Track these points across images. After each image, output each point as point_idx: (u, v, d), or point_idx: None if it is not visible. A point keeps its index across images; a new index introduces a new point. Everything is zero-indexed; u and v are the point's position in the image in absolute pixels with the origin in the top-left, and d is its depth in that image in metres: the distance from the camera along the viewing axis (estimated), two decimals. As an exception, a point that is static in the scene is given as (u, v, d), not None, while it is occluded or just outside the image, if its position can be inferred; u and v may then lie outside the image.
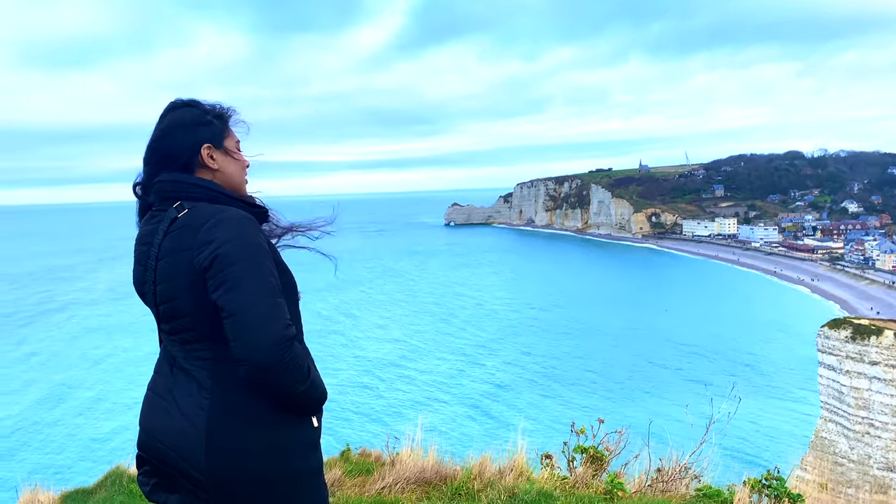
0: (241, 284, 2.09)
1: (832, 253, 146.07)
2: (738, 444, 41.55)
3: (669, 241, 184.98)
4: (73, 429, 53.03)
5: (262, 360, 2.04)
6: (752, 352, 75.20)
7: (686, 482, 4.65)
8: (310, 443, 2.30)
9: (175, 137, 2.38)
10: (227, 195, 2.35)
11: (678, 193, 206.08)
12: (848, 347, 48.39)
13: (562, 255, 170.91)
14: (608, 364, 70.59)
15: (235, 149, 2.48)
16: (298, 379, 2.13)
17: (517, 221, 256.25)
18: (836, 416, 49.59)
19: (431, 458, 5.16)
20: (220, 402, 2.19)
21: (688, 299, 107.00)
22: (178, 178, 2.36)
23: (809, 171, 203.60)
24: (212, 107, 2.49)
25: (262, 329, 2.05)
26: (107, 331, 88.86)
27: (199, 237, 2.17)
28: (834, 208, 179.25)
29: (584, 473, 4.54)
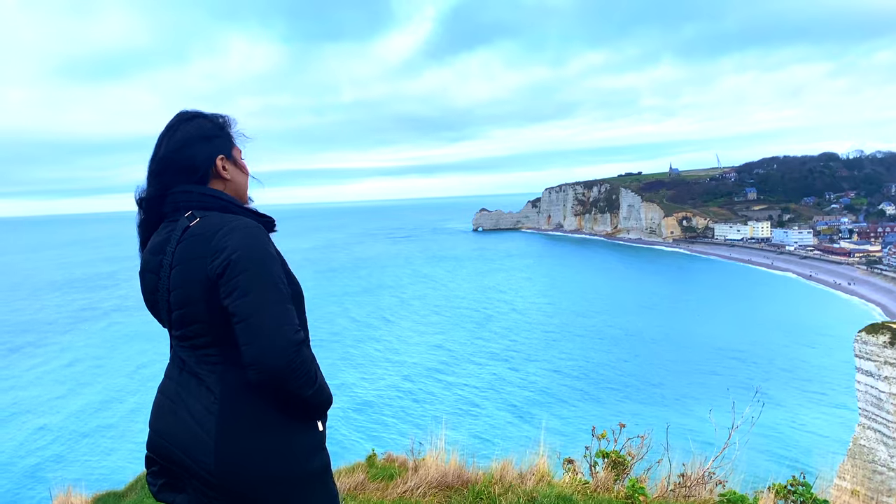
0: (253, 290, 2.17)
1: (869, 256, 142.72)
2: (777, 450, 40.81)
3: (701, 246, 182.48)
4: (111, 432, 54.07)
5: (272, 364, 2.11)
6: (789, 356, 73.79)
7: (710, 488, 4.60)
8: (316, 445, 2.36)
9: (193, 149, 2.46)
10: (237, 205, 2.45)
11: (709, 197, 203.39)
12: (886, 353, 47.32)
13: (591, 259, 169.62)
14: (641, 369, 69.88)
15: (240, 158, 2.59)
16: (306, 383, 2.19)
17: (546, 226, 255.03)
18: (874, 424, 48.45)
19: (454, 462, 5.18)
20: (230, 407, 2.26)
21: (721, 304, 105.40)
22: (191, 188, 2.44)
23: (845, 173, 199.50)
24: (217, 117, 2.58)
25: (273, 334, 2.12)
26: (146, 337, 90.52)
27: (212, 245, 2.25)
28: (871, 210, 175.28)
29: (605, 478, 4.51)
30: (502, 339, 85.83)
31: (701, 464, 4.78)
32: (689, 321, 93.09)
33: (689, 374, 67.96)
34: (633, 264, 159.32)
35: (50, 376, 72.54)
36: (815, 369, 68.17)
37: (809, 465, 33.15)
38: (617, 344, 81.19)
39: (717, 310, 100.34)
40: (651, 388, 63.12)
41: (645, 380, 66.19)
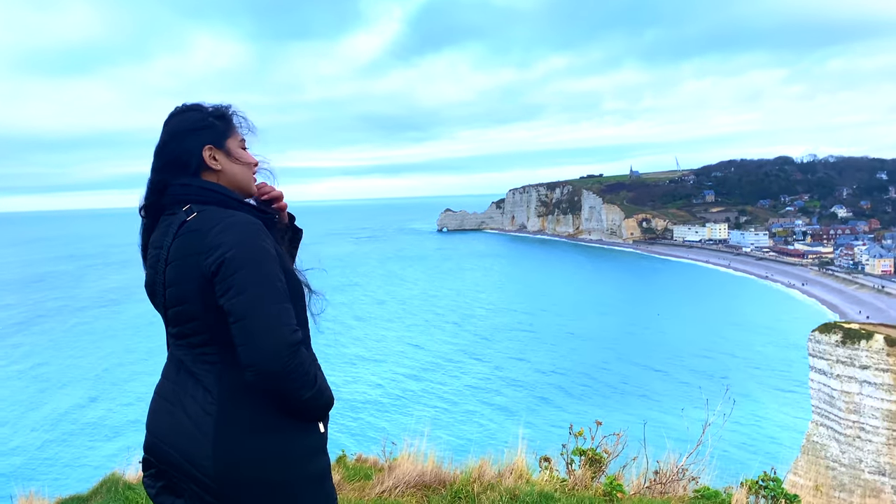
0: (248, 289, 2.10)
1: (822, 258, 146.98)
2: (732, 448, 41.77)
3: (660, 247, 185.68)
4: (69, 436, 52.76)
5: (269, 366, 2.05)
6: (745, 356, 75.56)
7: (683, 484, 4.70)
8: (317, 447, 2.30)
9: (179, 142, 2.38)
10: (235, 199, 2.35)
11: (669, 199, 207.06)
12: (838, 352, 48.66)
13: (554, 260, 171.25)
14: (603, 368, 70.82)
15: (239, 148, 2.45)
16: (304, 384, 2.14)
17: (509, 227, 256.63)
18: (827, 421, 49.80)
19: (431, 461, 5.18)
20: (228, 408, 2.20)
21: (680, 304, 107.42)
22: (189, 181, 2.37)
23: (799, 177, 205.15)
24: (213, 108, 2.47)
25: (269, 334, 2.06)
26: (96, 337, 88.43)
27: (207, 242, 2.18)
28: (823, 213, 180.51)
29: (583, 475, 4.57)
30: (475, 339, 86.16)
31: (675, 460, 4.87)
32: (652, 321, 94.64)
33: (656, 372, 69.14)
34: (595, 265, 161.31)
35: (10, 378, 70.44)
36: (772, 368, 69.96)
37: (767, 462, 33.99)
38: (584, 343, 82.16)
39: (679, 310, 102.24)
40: (622, 387, 64.09)
41: (616, 378, 67.18)
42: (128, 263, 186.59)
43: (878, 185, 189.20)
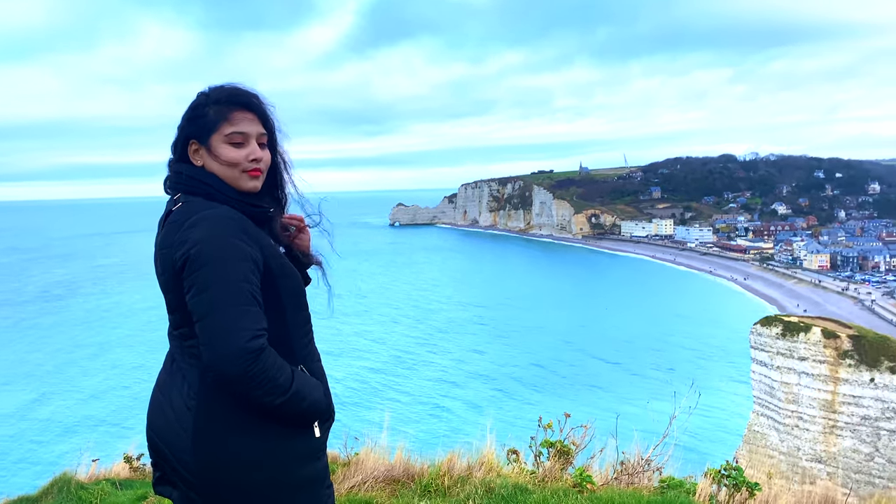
0: (208, 289, 2.03)
1: (763, 253, 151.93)
2: (686, 438, 42.90)
3: (608, 242, 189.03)
4: (17, 434, 50.92)
5: (225, 369, 1.98)
6: (694, 348, 77.67)
7: (648, 475, 4.80)
8: (306, 453, 2.22)
9: (179, 127, 2.33)
10: (223, 192, 2.25)
11: (617, 195, 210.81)
12: (778, 344, 50.41)
13: (507, 255, 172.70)
14: (561, 361, 71.88)
15: (225, 144, 2.25)
16: (270, 392, 2.04)
17: (462, 222, 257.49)
18: (767, 411, 51.58)
19: (398, 456, 5.17)
20: (207, 405, 2.14)
21: (629, 298, 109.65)
22: (181, 169, 2.31)
23: (742, 174, 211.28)
24: (221, 93, 2.30)
25: (225, 339, 1.98)
26: (42, 332, 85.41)
27: (179, 235, 2.13)
28: (764, 210, 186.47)
29: (552, 467, 4.62)
30: (434, 332, 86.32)
31: (640, 452, 4.98)
32: (603, 314, 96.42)
33: (611, 364, 70.50)
34: (547, 260, 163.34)
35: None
36: (718, 359, 72.07)
37: (711, 452, 35.05)
38: (541, 337, 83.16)
39: (629, 304, 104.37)
40: (581, 379, 65.15)
41: (573, 371, 68.24)
42: (71, 257, 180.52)
43: (815, 183, 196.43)
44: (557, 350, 76.28)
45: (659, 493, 4.17)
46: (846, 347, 46.80)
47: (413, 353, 75.61)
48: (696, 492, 4.38)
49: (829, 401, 46.81)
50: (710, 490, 4.51)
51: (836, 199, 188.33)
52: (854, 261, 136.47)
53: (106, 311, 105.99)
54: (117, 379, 70.12)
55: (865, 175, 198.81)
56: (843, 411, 46.15)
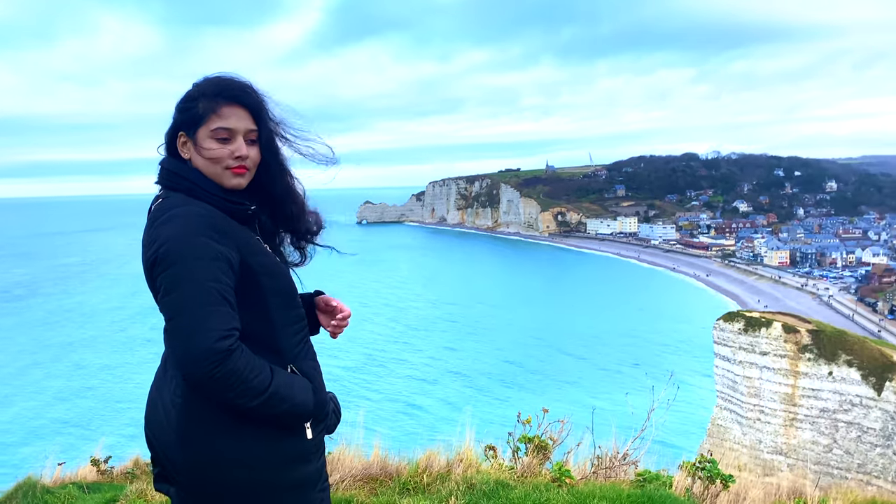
0: (175, 289, 1.98)
1: (725, 250, 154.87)
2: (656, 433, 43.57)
3: (574, 239, 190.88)
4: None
5: (191, 373, 1.93)
6: (656, 343, 78.87)
7: (624, 468, 4.86)
8: (294, 455, 2.17)
9: (172, 119, 2.27)
10: (204, 188, 2.18)
11: (582, 193, 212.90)
12: (741, 339, 51.44)
13: (474, 253, 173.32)
14: (528, 357, 72.47)
15: (210, 138, 2.18)
16: (243, 394, 1.98)
17: (429, 220, 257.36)
18: (730, 405, 52.63)
19: (375, 454, 5.14)
20: (192, 403, 2.11)
21: (594, 295, 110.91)
22: (164, 163, 2.26)
23: (704, 173, 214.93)
24: (214, 84, 2.23)
25: (190, 339, 1.93)
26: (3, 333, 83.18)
27: (151, 233, 2.09)
28: (726, 208, 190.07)
29: (530, 463, 4.65)
30: (406, 330, 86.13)
31: (617, 446, 5.03)
32: (572, 310, 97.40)
33: (582, 360, 71.24)
34: (516, 258, 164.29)
35: None
36: (681, 354, 73.28)
37: (679, 445, 35.60)
38: (512, 333, 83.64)
39: (596, 300, 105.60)
40: (553, 374, 65.70)
41: (546, 366, 68.80)
42: (31, 256, 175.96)
43: (775, 181, 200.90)
44: (529, 346, 76.89)
45: (638, 486, 4.22)
46: (806, 342, 47.98)
47: (385, 352, 75.47)
48: (672, 485, 4.45)
49: (790, 394, 47.94)
50: (686, 483, 4.58)
51: (795, 197, 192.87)
52: (812, 257, 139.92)
53: (68, 311, 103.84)
54: (82, 380, 68.71)
55: (823, 173, 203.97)
56: (803, 404, 47.32)
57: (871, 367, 44.18)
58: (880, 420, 43.11)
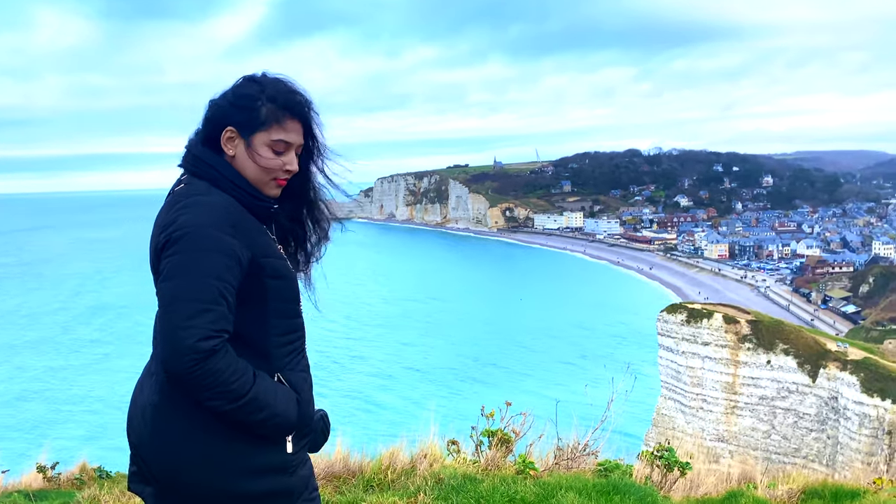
0: (176, 277, 1.93)
1: (667, 244, 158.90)
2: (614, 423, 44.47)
3: (522, 235, 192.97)
4: None
5: (169, 368, 1.90)
6: (603, 335, 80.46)
7: (586, 459, 4.95)
8: (272, 465, 2.09)
9: (217, 107, 2.19)
10: (236, 184, 2.13)
11: (530, 189, 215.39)
12: (683, 330, 53.02)
13: (426, 249, 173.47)
14: (485, 352, 73.07)
15: (267, 147, 2.15)
16: (217, 396, 1.92)
17: (378, 216, 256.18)
18: (674, 394, 54.17)
19: (338, 452, 5.11)
20: (168, 403, 2.05)
21: (544, 289, 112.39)
22: (194, 149, 2.20)
23: (646, 168, 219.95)
24: (277, 91, 2.17)
25: (175, 333, 1.88)
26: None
27: (168, 216, 2.04)
28: (668, 202, 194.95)
29: (494, 456, 4.69)
30: (360, 327, 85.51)
31: (578, 437, 5.13)
32: (521, 305, 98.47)
33: (534, 352, 72.09)
34: (466, 253, 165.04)
35: None
36: (626, 346, 74.91)
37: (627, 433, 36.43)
38: (468, 328, 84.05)
39: (546, 294, 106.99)
40: (509, 367, 66.22)
41: (503, 360, 69.34)
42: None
43: (714, 176, 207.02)
44: (484, 340, 77.57)
45: (601, 476, 4.32)
46: (745, 332, 49.73)
47: (341, 349, 74.91)
48: (632, 473, 4.56)
49: (731, 383, 49.64)
50: (645, 471, 4.70)
51: (734, 192, 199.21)
52: (750, 250, 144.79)
53: (9, 313, 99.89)
54: (25, 384, 66.31)
55: (760, 169, 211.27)
56: (743, 392, 49.06)
57: (807, 356, 46.12)
58: (815, 406, 45.06)
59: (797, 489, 4.19)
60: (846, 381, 42.30)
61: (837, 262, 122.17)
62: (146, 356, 2.22)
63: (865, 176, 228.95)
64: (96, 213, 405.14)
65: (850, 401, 41.55)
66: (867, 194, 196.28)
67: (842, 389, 42.49)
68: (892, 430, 39.28)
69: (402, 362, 69.16)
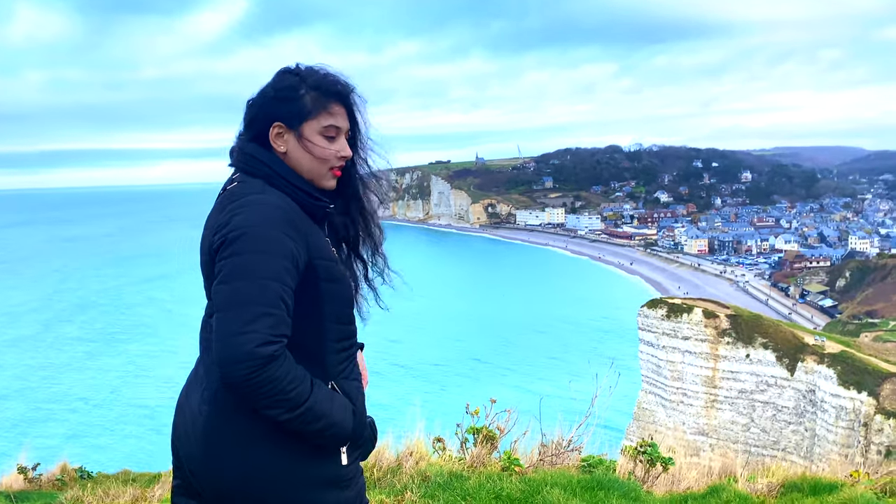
0: (234, 279, 1.85)
1: (647, 239, 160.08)
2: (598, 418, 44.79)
3: (505, 230, 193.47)
4: None
5: (227, 373, 1.80)
6: (584, 330, 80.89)
7: (569, 455, 5.00)
8: (328, 479, 2.01)
9: (257, 105, 2.12)
10: (290, 182, 2.06)
11: (512, 185, 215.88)
12: (664, 325, 53.48)
13: (408, 245, 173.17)
14: (468, 346, 73.25)
15: (319, 135, 2.09)
16: (275, 405, 1.83)
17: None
18: (655, 388, 54.65)
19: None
20: (219, 412, 1.96)
21: (527, 284, 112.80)
22: (244, 146, 2.12)
23: (627, 164, 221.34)
24: (319, 78, 2.12)
25: (234, 339, 1.80)
26: None
27: (222, 217, 1.96)
28: (648, 198, 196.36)
29: (479, 453, 4.72)
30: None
31: (562, 433, 5.18)
32: (505, 301, 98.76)
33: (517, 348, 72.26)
34: (448, 249, 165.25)
35: None
36: (607, 341, 75.43)
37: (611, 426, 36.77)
38: (452, 325, 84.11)
39: (530, 289, 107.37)
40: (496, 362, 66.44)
41: (492, 355, 69.48)
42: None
43: (694, 172, 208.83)
44: (468, 336, 77.68)
45: (585, 471, 4.37)
46: (725, 326, 50.27)
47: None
48: (615, 469, 4.62)
49: (710, 377, 50.18)
50: (628, 467, 4.76)
51: (713, 187, 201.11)
52: (729, 245, 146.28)
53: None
54: (5, 382, 65.67)
55: (738, 164, 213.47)
56: (723, 386, 49.62)
57: (785, 349, 46.75)
58: (793, 399, 45.70)
59: (777, 482, 4.27)
60: (823, 374, 42.93)
61: (815, 256, 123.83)
62: (128, 354, 2.16)
63: (842, 171, 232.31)
64: (74, 209, 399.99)
65: (828, 393, 42.19)
66: (844, 190, 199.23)
67: (819, 382, 43.12)
68: (867, 422, 39.95)
69: (387, 359, 69.10)
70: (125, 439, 55.29)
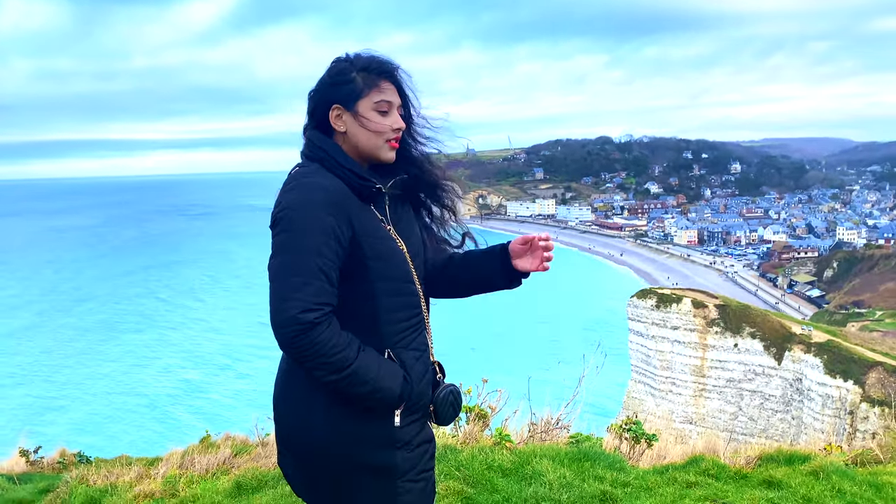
0: (280, 254, 2.07)
1: (637, 230, 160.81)
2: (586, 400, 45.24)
3: (495, 222, 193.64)
4: None
5: (277, 335, 2.02)
6: (575, 319, 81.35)
7: (558, 433, 5.21)
8: (381, 439, 2.17)
9: (317, 93, 2.32)
10: (339, 163, 2.24)
11: (502, 176, 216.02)
12: (653, 315, 53.89)
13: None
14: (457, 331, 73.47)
15: (373, 111, 2.27)
16: (320, 367, 2.02)
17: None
18: (644, 378, 55.12)
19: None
20: (290, 372, 2.21)
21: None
22: (309, 134, 2.32)
23: (617, 156, 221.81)
24: (365, 60, 2.31)
25: (279, 304, 2.02)
26: None
27: (278, 197, 2.18)
28: (638, 189, 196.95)
29: (471, 430, 4.92)
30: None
31: (550, 412, 5.38)
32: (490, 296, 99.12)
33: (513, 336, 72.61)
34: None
35: None
36: (597, 331, 75.88)
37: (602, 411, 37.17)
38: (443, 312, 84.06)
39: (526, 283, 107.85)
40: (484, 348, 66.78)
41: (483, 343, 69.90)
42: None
43: (684, 163, 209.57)
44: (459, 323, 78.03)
45: (573, 446, 4.58)
46: (713, 316, 50.75)
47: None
48: (602, 445, 4.84)
49: (699, 366, 50.68)
50: (614, 443, 4.98)
51: (703, 179, 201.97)
52: (719, 236, 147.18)
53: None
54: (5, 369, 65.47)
55: (728, 156, 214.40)
56: (711, 375, 50.14)
57: (773, 339, 47.28)
58: (780, 387, 46.28)
59: (754, 456, 4.49)
60: (810, 363, 43.46)
61: (803, 247, 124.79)
62: (125, 343, 2.34)
63: (830, 163, 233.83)
64: (65, 200, 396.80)
65: (814, 382, 42.73)
66: (832, 181, 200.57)
67: (806, 371, 43.66)
68: (853, 410, 40.53)
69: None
70: (124, 427, 55.46)
